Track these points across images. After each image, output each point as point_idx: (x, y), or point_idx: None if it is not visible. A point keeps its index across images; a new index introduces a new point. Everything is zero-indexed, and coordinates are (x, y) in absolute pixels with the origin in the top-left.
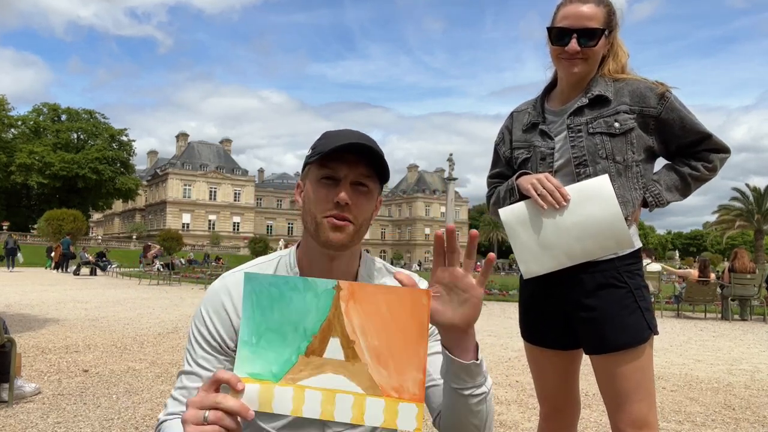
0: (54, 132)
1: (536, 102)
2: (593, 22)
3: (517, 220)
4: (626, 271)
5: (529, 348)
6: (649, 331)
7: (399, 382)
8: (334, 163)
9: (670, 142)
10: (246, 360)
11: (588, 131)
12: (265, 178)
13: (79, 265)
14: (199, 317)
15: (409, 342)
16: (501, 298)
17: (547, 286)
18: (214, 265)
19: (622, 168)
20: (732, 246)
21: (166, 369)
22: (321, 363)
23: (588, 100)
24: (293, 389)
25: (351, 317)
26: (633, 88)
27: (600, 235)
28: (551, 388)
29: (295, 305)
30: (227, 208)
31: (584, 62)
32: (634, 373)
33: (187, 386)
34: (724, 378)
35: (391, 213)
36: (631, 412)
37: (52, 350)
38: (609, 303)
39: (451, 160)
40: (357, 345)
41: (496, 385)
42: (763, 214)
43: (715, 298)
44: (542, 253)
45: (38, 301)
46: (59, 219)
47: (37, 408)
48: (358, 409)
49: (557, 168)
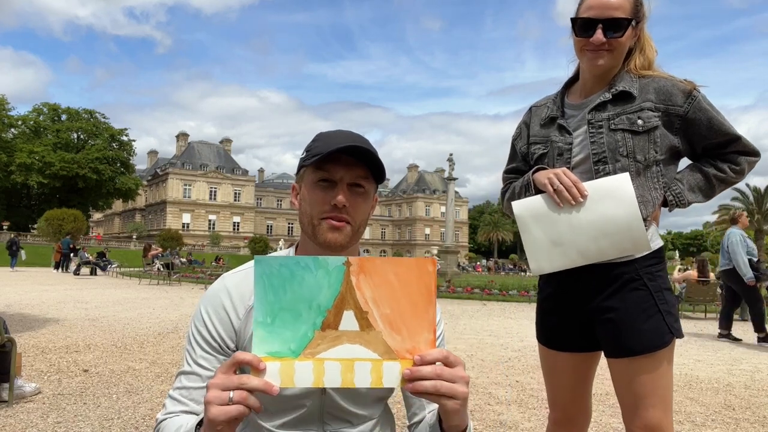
0: (54, 132)
1: (556, 96)
2: (619, 12)
3: (530, 215)
4: (647, 272)
5: (545, 351)
6: (670, 335)
7: (412, 344)
8: (330, 166)
9: (697, 143)
10: (263, 340)
11: (609, 127)
12: (265, 178)
13: (79, 264)
14: (198, 317)
15: (419, 307)
16: (501, 298)
17: (566, 288)
18: (214, 265)
19: (642, 167)
20: None
21: (166, 369)
22: (337, 335)
23: (611, 96)
24: (313, 363)
25: (362, 290)
26: (659, 85)
27: (616, 235)
28: (564, 392)
29: (308, 283)
30: (227, 208)
31: (610, 54)
32: (651, 378)
33: (187, 386)
34: (724, 378)
35: (391, 213)
36: (645, 417)
37: (52, 350)
38: (628, 306)
39: (451, 159)
40: (370, 315)
41: (495, 385)
42: (763, 214)
43: (715, 298)
44: (554, 250)
45: (38, 301)
46: (59, 219)
47: (37, 408)
48: (377, 374)
49: (575, 164)
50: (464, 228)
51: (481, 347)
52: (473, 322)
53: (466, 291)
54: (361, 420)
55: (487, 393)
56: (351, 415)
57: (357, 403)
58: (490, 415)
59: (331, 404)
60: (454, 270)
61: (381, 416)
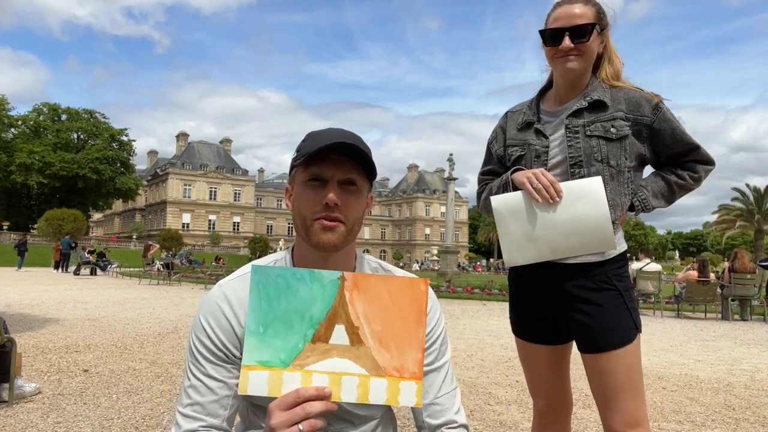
0: (54, 132)
1: (531, 102)
2: (583, 19)
3: (507, 210)
4: (615, 274)
5: (521, 343)
6: (636, 331)
7: (400, 362)
8: (319, 164)
9: (661, 152)
10: (254, 349)
11: (585, 133)
12: (265, 178)
13: (80, 264)
14: (199, 328)
15: (409, 326)
16: (501, 298)
17: (539, 286)
18: (214, 265)
19: (615, 172)
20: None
21: (166, 369)
22: (327, 348)
23: (587, 103)
24: (301, 374)
25: (355, 305)
26: (629, 96)
27: (586, 233)
28: (544, 382)
29: (302, 295)
30: (227, 208)
31: (579, 58)
32: (625, 372)
33: (199, 401)
34: (724, 378)
35: (391, 213)
36: (623, 411)
37: (52, 350)
38: (601, 304)
39: (451, 159)
40: (361, 330)
41: (495, 385)
42: (764, 214)
43: (715, 298)
44: (527, 243)
45: (38, 301)
46: (59, 219)
47: (37, 408)
48: (363, 389)
49: (551, 166)
50: (464, 228)
51: (481, 347)
52: (473, 322)
53: (466, 291)
54: (364, 420)
55: (487, 393)
56: (353, 416)
57: (359, 405)
58: (490, 415)
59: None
60: (454, 270)
61: (383, 416)
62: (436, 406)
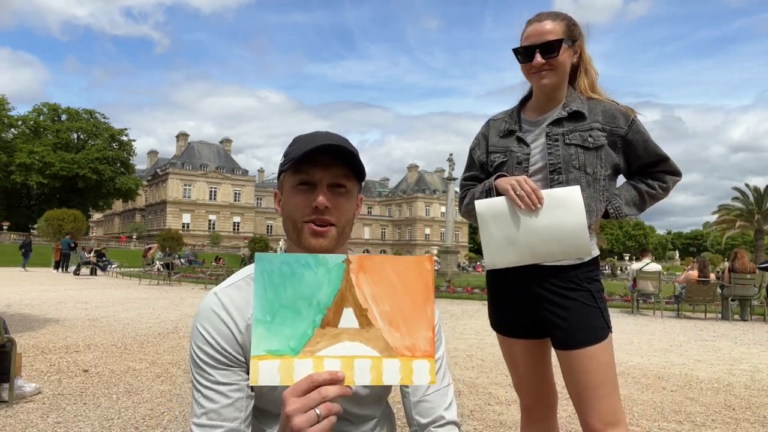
0: (54, 132)
1: (513, 112)
2: (552, 35)
3: (491, 214)
4: (587, 277)
5: (501, 339)
6: (607, 330)
7: (411, 341)
8: (308, 168)
9: (632, 162)
10: (263, 338)
11: (564, 141)
12: (265, 178)
13: (79, 265)
14: (198, 337)
15: (418, 304)
16: None
17: (516, 287)
18: (214, 265)
19: (592, 180)
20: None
21: (166, 369)
22: (337, 333)
23: (567, 114)
24: (312, 360)
25: (362, 287)
26: (605, 108)
27: (564, 240)
28: (527, 377)
29: (308, 281)
30: (227, 208)
31: (552, 72)
32: (599, 369)
33: (213, 408)
34: (724, 378)
35: (391, 213)
36: (600, 408)
37: (52, 350)
38: (573, 304)
39: (451, 159)
40: (370, 312)
41: (495, 385)
42: (763, 214)
43: (715, 298)
44: (508, 247)
45: (38, 301)
46: (59, 219)
47: (37, 408)
48: (376, 371)
49: (532, 172)
50: (464, 228)
51: (481, 347)
52: (473, 322)
53: (466, 291)
54: (363, 420)
55: (487, 393)
56: (352, 416)
57: (358, 404)
58: (490, 415)
59: None
60: (454, 270)
61: (382, 415)
62: (426, 403)
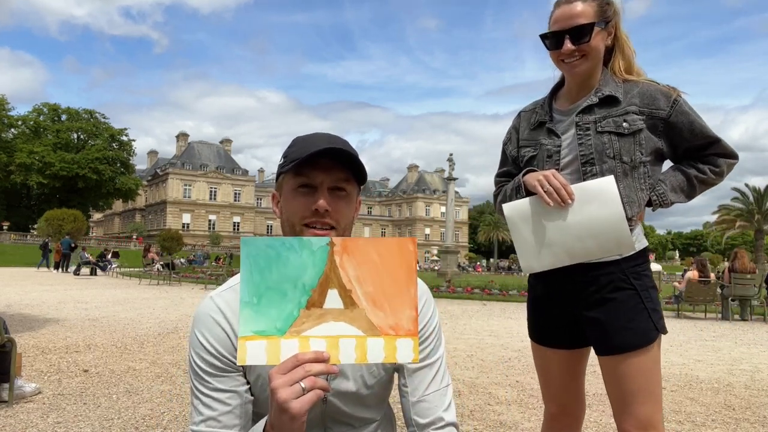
0: (54, 132)
1: (544, 102)
2: (582, 19)
3: (519, 216)
4: (633, 272)
5: (536, 347)
6: (656, 332)
7: (395, 320)
8: (309, 170)
9: (679, 146)
10: (250, 319)
11: (596, 130)
12: (265, 178)
13: (79, 265)
14: (196, 344)
15: (401, 285)
16: (501, 298)
17: (555, 287)
18: (214, 265)
19: (629, 168)
20: (732, 246)
21: (166, 369)
22: (322, 313)
23: (598, 99)
24: (298, 340)
25: (346, 269)
26: (643, 89)
27: (601, 235)
28: (558, 387)
29: (293, 263)
30: (227, 208)
31: (584, 59)
32: (640, 374)
33: (212, 416)
34: (724, 378)
35: (391, 213)
36: (637, 414)
37: (52, 350)
38: (616, 304)
39: (451, 159)
40: (354, 293)
41: (495, 385)
42: (764, 214)
43: (715, 298)
44: (542, 250)
45: (38, 301)
46: (59, 219)
47: (37, 408)
48: (361, 350)
49: (563, 165)
50: (464, 228)
51: (481, 347)
52: (473, 322)
53: (466, 291)
54: (364, 423)
55: (487, 393)
56: (353, 419)
57: (359, 407)
58: (490, 415)
59: (333, 410)
60: (454, 270)
61: (383, 418)
62: (424, 403)
